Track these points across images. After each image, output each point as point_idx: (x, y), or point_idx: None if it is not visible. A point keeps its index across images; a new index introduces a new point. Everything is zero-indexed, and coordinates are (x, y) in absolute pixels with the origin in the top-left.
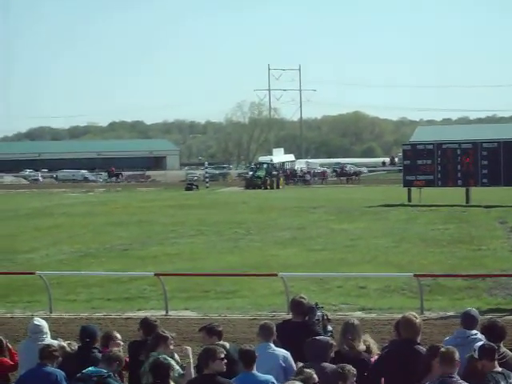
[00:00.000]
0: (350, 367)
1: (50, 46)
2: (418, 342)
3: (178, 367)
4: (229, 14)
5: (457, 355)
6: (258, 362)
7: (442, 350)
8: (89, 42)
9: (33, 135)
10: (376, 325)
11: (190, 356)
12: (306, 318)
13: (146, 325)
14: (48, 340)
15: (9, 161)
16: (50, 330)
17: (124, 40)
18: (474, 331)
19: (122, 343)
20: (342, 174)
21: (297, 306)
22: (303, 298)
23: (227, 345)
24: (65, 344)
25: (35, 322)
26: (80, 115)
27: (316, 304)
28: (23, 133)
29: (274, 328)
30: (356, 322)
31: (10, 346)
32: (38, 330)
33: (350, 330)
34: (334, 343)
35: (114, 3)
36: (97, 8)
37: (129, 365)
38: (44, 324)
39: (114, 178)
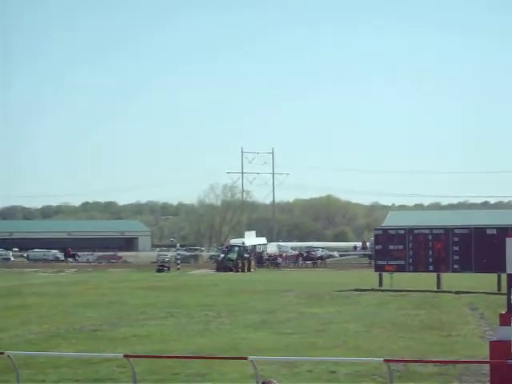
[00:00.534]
0: None
1: (21, 122)
2: None
3: None
4: (202, 94)
5: None
6: None
7: None
8: (62, 121)
9: (5, 214)
10: None
11: None
12: None
13: None
14: None
15: None
16: None
17: (97, 121)
18: None
19: None
20: (307, 258)
21: None
22: (274, 382)
23: None
24: None
25: None
26: (53, 195)
27: None
28: None
29: None
30: None
31: None
32: None
33: None
34: None
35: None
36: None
37: None
38: None
39: (70, 259)
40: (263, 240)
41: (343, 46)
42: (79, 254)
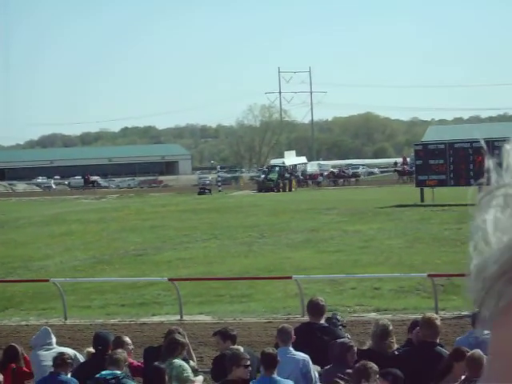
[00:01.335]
0: (372, 364)
1: (60, 53)
2: (438, 342)
3: (191, 373)
4: (238, 16)
5: (484, 359)
6: (278, 366)
7: (470, 354)
8: (100, 50)
9: (45, 142)
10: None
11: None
12: (323, 319)
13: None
14: (61, 348)
15: (21, 168)
16: (66, 337)
17: (133, 46)
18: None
19: (131, 347)
20: (339, 175)
21: (315, 306)
22: (321, 299)
23: (241, 349)
24: (93, 350)
25: (44, 331)
26: (91, 121)
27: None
28: (35, 140)
29: (293, 331)
30: (391, 326)
31: (25, 354)
32: (45, 340)
33: (389, 334)
34: (354, 345)
35: (126, 16)
36: (109, 18)
37: (144, 370)
38: (50, 333)
39: (89, 185)
40: (303, 159)
41: None
42: (116, 179)
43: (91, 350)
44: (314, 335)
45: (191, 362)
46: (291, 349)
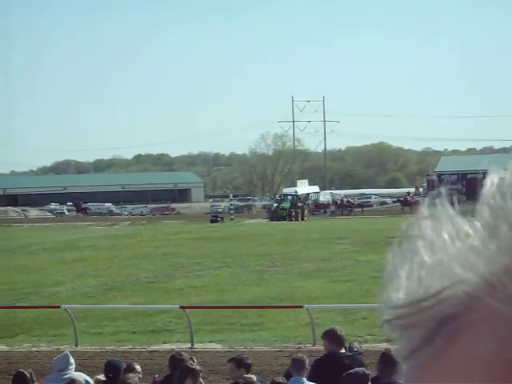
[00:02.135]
0: None
1: (75, 79)
2: None
3: None
4: (253, 45)
5: None
6: None
7: None
8: (114, 77)
9: (58, 169)
10: None
11: None
12: (344, 348)
13: (173, 360)
14: (73, 374)
15: (34, 194)
16: (76, 363)
17: (147, 73)
18: None
19: (140, 375)
20: (341, 205)
21: (337, 336)
22: (339, 329)
23: (254, 377)
24: (101, 377)
25: (61, 356)
26: (105, 148)
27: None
28: (48, 166)
29: (307, 361)
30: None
31: (34, 380)
32: (64, 364)
33: (393, 361)
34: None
35: (137, 39)
36: (122, 42)
37: None
38: (70, 358)
39: (80, 214)
40: (316, 188)
41: None
42: (128, 206)
43: (100, 377)
44: (342, 364)
45: None
46: (304, 379)
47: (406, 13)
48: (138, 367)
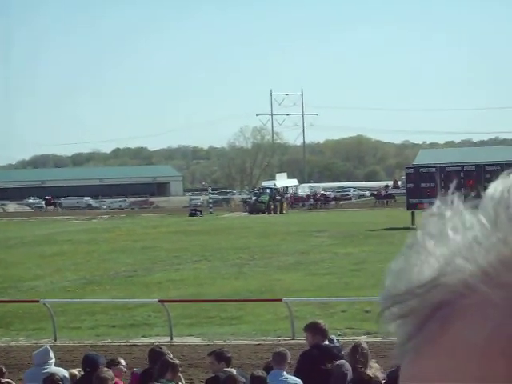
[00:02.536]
0: None
1: (53, 73)
2: None
3: None
4: (231, 38)
5: None
6: None
7: None
8: (91, 70)
9: (36, 163)
10: (381, 349)
11: None
12: (326, 341)
13: (152, 353)
14: (53, 368)
15: (12, 188)
16: (55, 358)
17: (125, 66)
18: None
19: (125, 370)
20: (317, 199)
21: (321, 328)
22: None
23: (234, 371)
24: (76, 372)
25: (41, 351)
26: (83, 142)
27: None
28: (27, 160)
29: (289, 355)
30: (365, 344)
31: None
32: (44, 359)
33: (360, 353)
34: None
35: (119, 32)
36: (104, 37)
37: None
38: (50, 352)
39: (51, 207)
40: (295, 182)
41: None
42: (107, 200)
43: (74, 371)
44: (330, 354)
45: (179, 383)
46: (285, 373)
47: (382, 4)
48: (122, 361)
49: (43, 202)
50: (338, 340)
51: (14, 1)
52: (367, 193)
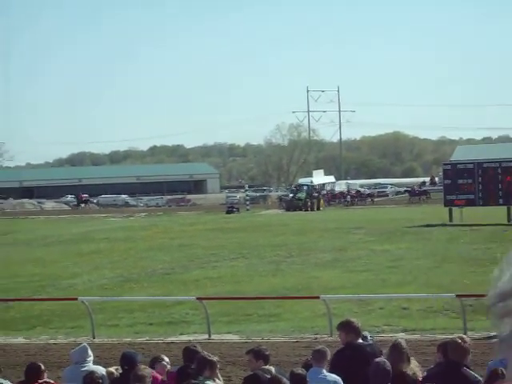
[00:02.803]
0: None
1: (89, 72)
2: (466, 364)
3: None
4: (267, 35)
5: None
6: None
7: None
8: (128, 70)
9: (74, 161)
10: (419, 346)
11: None
12: (360, 339)
13: (187, 351)
14: (91, 366)
15: (50, 187)
16: (94, 355)
17: (161, 65)
18: None
19: (168, 366)
20: (355, 196)
21: (352, 326)
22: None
23: (273, 369)
24: (113, 370)
25: (79, 348)
26: (120, 140)
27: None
28: (64, 158)
29: (328, 353)
30: (404, 343)
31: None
32: (82, 357)
33: (399, 352)
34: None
35: (153, 31)
36: (138, 33)
37: None
38: (88, 350)
39: (82, 205)
40: (331, 178)
41: None
42: (144, 198)
43: (112, 369)
44: (364, 353)
45: (217, 380)
46: (324, 370)
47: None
48: (165, 358)
49: (75, 199)
50: (371, 337)
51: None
52: (404, 189)
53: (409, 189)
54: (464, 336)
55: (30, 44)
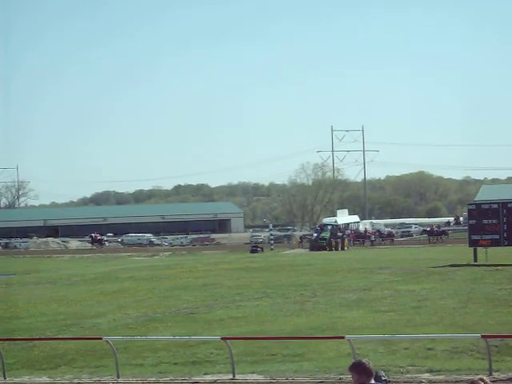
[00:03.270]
0: None
1: (114, 109)
2: None
3: None
4: (293, 73)
5: None
6: None
7: None
8: (152, 106)
9: (98, 200)
10: None
11: None
12: (372, 380)
13: None
14: None
15: (75, 225)
16: None
17: (186, 104)
18: None
19: None
20: (366, 236)
21: (364, 366)
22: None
23: None
24: None
25: None
26: (144, 179)
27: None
28: (88, 197)
29: None
30: None
31: None
32: None
33: None
34: None
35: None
36: (155, 68)
37: None
38: None
39: (96, 244)
40: (356, 218)
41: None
42: (169, 237)
43: None
44: None
45: None
46: None
47: (445, 40)
48: None
49: (90, 239)
50: (385, 376)
51: None
52: (422, 229)
53: (428, 229)
54: (484, 377)
55: (54, 79)
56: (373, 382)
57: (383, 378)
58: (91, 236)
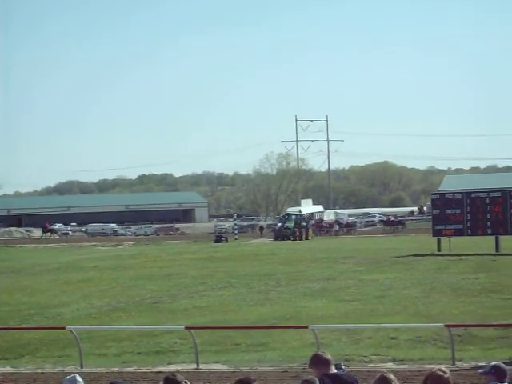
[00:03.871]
0: None
1: (78, 99)
2: None
3: None
4: (255, 63)
5: None
6: None
7: None
8: (117, 96)
9: (62, 189)
10: (408, 376)
11: None
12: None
13: (168, 381)
14: None
15: (38, 215)
16: None
17: (151, 93)
18: None
19: None
20: (322, 226)
21: (321, 358)
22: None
23: None
24: None
25: (70, 378)
26: (108, 169)
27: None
28: (52, 187)
29: (317, 383)
30: (393, 377)
31: None
32: None
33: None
34: None
35: (141, 58)
36: (124, 61)
37: None
38: (78, 380)
39: (47, 234)
40: (320, 208)
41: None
42: (132, 226)
43: None
44: (341, 381)
45: None
46: None
47: (410, 30)
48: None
49: (41, 228)
50: (344, 366)
51: None
52: (392, 218)
53: (384, 219)
54: (443, 367)
55: (16, 72)
56: (334, 370)
57: (342, 367)
58: (42, 225)
